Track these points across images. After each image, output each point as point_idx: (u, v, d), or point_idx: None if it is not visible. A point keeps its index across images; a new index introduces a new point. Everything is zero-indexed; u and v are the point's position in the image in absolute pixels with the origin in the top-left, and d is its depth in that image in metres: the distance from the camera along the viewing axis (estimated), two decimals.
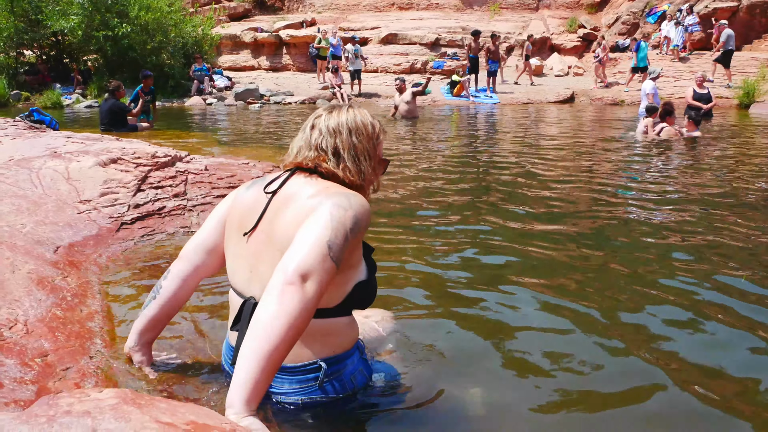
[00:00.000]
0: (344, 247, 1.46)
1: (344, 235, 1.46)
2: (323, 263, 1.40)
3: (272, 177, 1.71)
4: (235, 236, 1.70)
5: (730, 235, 3.82)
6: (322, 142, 1.64)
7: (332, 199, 1.51)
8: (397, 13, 24.47)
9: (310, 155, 1.64)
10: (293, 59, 22.60)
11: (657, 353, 2.29)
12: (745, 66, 16.77)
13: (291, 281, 1.35)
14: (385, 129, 1.76)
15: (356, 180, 1.65)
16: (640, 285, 2.96)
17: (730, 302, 2.76)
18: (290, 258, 1.39)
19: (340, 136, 1.64)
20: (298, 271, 1.36)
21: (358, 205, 1.52)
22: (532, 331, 2.48)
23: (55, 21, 17.01)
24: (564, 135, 9.82)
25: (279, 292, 1.34)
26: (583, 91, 17.57)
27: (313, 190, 1.58)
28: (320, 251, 1.41)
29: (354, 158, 1.65)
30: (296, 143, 1.70)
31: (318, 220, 1.46)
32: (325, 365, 1.60)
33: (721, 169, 6.39)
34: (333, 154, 1.64)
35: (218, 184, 4.16)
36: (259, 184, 1.71)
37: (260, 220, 1.62)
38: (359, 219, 1.51)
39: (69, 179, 3.73)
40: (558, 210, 4.54)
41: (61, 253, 2.90)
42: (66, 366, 1.95)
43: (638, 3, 20.92)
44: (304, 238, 1.43)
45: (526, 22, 22.77)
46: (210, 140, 8.61)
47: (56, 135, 5.21)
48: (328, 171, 1.63)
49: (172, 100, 17.57)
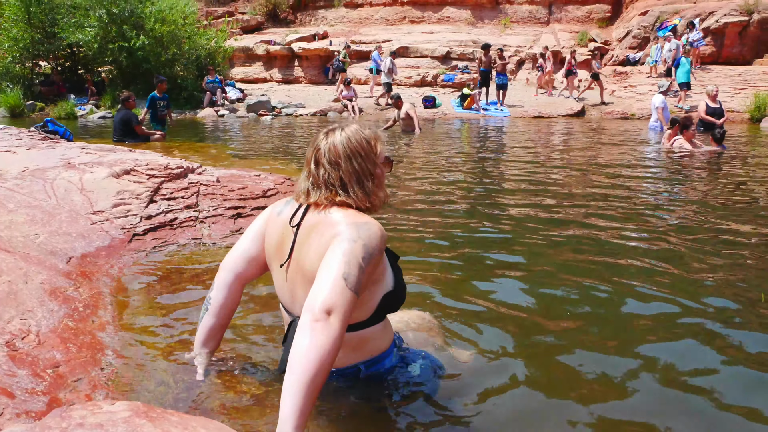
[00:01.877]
0: (360, 275, 1.60)
1: (358, 266, 1.59)
2: (343, 296, 1.54)
3: (294, 208, 1.86)
4: (275, 264, 1.91)
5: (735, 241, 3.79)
6: (329, 178, 1.77)
7: (342, 234, 1.65)
8: (409, 26, 24.61)
9: (324, 194, 1.77)
10: (305, 71, 22.76)
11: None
12: (756, 80, 16.69)
13: (317, 318, 1.51)
14: (378, 135, 1.86)
15: (364, 204, 1.79)
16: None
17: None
18: (314, 297, 1.55)
19: (340, 168, 1.77)
20: (323, 309, 1.51)
21: (366, 235, 1.66)
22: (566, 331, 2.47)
23: (70, 33, 17.25)
24: (579, 147, 9.82)
25: (310, 330, 1.50)
26: (593, 105, 17.56)
27: (329, 222, 1.72)
28: (339, 286, 1.55)
29: (358, 183, 1.78)
30: (304, 183, 1.83)
31: (333, 257, 1.61)
32: (363, 367, 1.84)
33: (728, 181, 6.35)
34: (341, 187, 1.77)
35: (230, 196, 4.19)
36: (287, 212, 1.88)
37: (291, 253, 1.81)
38: (369, 246, 1.64)
39: (83, 190, 3.77)
40: (561, 217, 4.53)
41: (73, 264, 2.93)
42: (77, 377, 1.96)
43: (649, 17, 20.91)
44: (323, 276, 1.58)
45: (537, 35, 22.81)
46: (222, 152, 8.67)
47: (70, 146, 5.27)
48: (342, 203, 1.76)
49: (185, 111, 17.75)
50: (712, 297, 2.97)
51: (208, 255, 3.50)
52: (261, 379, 2.05)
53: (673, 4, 20.78)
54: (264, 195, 4.34)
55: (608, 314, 2.83)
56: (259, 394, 1.95)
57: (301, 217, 1.81)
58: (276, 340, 2.36)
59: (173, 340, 2.38)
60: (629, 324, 2.71)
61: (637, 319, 2.74)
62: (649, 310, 2.82)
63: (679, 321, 2.70)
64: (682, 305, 2.85)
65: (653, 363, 2.30)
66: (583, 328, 2.66)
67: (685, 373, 2.24)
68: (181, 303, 2.76)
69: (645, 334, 2.58)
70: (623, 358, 2.35)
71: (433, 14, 24.96)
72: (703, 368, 2.28)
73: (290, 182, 4.83)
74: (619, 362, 2.31)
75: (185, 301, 2.78)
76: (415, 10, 25.11)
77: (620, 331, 2.65)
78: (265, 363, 2.20)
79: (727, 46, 18.35)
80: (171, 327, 2.50)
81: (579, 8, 23.72)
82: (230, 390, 1.97)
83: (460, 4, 24.78)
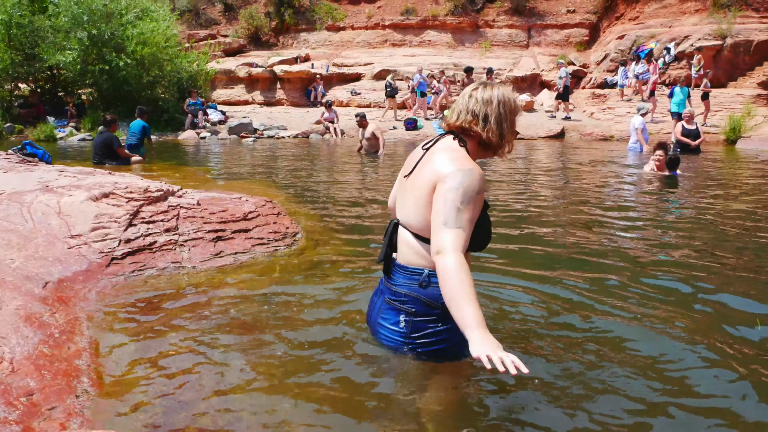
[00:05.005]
0: (458, 215, 1.99)
1: (455, 209, 2.00)
2: (444, 237, 1.98)
3: (431, 138, 2.34)
4: (400, 178, 2.41)
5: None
6: (476, 107, 2.18)
7: (447, 182, 2.04)
8: (390, 49, 24.89)
9: (468, 118, 2.19)
10: (287, 94, 22.86)
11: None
12: (731, 102, 17.11)
13: (435, 258, 2.00)
14: (521, 106, 2.19)
15: (495, 140, 2.19)
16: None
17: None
18: (432, 241, 2.04)
19: (491, 106, 2.17)
20: (434, 251, 2.00)
21: (467, 182, 2.03)
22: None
23: (51, 55, 17.16)
24: (557, 168, 9.93)
25: (435, 264, 2.00)
26: (573, 127, 17.83)
27: (441, 160, 2.13)
28: (439, 231, 2.00)
29: (498, 123, 2.17)
30: (457, 107, 2.24)
31: (437, 205, 2.04)
32: (427, 271, 2.17)
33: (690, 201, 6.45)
34: (483, 119, 2.17)
35: (210, 219, 4.16)
36: (423, 142, 2.36)
37: (414, 168, 2.26)
38: (468, 191, 2.02)
39: (60, 213, 3.73)
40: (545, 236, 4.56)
41: (50, 289, 2.88)
42: (52, 405, 1.92)
43: (626, 41, 21.40)
44: (433, 224, 2.04)
45: (517, 58, 23.20)
46: (203, 174, 8.63)
47: (48, 169, 5.22)
48: (476, 133, 2.18)
49: (166, 133, 17.67)
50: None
51: (188, 279, 3.46)
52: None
53: (649, 29, 21.32)
54: (245, 218, 4.32)
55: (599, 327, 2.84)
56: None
57: (431, 144, 2.28)
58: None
59: (151, 365, 2.34)
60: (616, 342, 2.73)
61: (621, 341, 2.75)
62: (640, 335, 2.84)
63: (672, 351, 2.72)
64: (679, 331, 2.88)
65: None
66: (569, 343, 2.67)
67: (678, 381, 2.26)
68: (160, 328, 2.72)
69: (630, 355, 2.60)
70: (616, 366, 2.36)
71: (414, 38, 25.29)
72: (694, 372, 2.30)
73: (271, 204, 4.81)
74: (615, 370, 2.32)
75: (164, 326, 2.75)
76: (397, 34, 25.44)
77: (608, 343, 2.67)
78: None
79: (702, 69, 18.77)
80: (149, 352, 2.46)
81: (557, 32, 24.22)
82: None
83: (440, 28, 25.17)
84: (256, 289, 3.30)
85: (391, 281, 2.29)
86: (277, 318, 2.86)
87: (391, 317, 2.29)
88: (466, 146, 2.20)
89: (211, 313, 2.90)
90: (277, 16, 26.21)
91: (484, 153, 2.27)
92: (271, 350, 2.50)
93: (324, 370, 2.33)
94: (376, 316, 2.38)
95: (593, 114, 19.06)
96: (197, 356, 2.43)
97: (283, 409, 2.05)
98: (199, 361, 2.38)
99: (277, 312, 2.94)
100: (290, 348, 2.52)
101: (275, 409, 2.04)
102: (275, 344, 2.56)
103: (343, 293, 3.24)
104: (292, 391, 2.16)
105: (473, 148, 2.22)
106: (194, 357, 2.42)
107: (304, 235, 4.47)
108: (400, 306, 2.24)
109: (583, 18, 24.10)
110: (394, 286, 2.27)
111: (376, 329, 2.39)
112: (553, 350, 2.57)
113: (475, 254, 2.56)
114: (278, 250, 4.07)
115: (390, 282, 2.30)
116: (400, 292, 2.23)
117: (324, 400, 2.11)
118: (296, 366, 2.36)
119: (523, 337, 2.71)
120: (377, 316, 2.38)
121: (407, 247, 2.23)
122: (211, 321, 2.81)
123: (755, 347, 2.64)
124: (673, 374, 2.37)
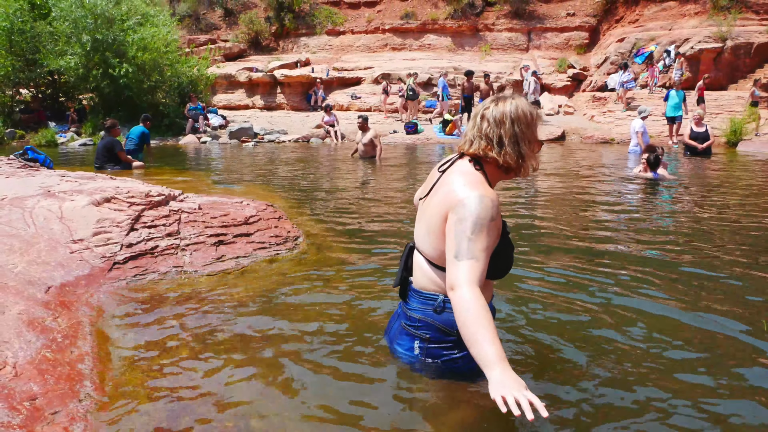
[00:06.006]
0: (469, 245, 1.90)
1: (467, 240, 1.91)
2: (456, 271, 1.90)
3: (446, 159, 2.25)
4: (417, 197, 2.38)
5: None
6: (489, 131, 2.06)
7: (458, 211, 1.95)
8: (390, 53, 24.91)
9: (481, 145, 2.07)
10: (287, 98, 22.89)
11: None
12: (732, 105, 17.11)
13: (450, 294, 1.91)
14: (540, 115, 2.20)
15: (513, 163, 2.06)
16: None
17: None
18: (446, 276, 1.96)
19: (504, 126, 2.04)
20: (449, 287, 1.91)
21: (476, 210, 1.93)
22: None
23: (52, 61, 17.20)
24: (557, 173, 9.93)
25: (466, 293, 1.86)
26: (573, 130, 17.82)
27: (453, 186, 2.03)
28: (452, 264, 1.92)
29: (514, 144, 2.05)
30: (469, 132, 2.14)
31: (449, 237, 1.96)
32: (441, 297, 2.12)
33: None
34: (497, 143, 2.05)
35: (212, 223, 4.16)
36: (440, 163, 2.27)
37: (430, 192, 2.19)
38: (479, 220, 1.92)
39: (62, 218, 3.73)
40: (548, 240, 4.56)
41: (52, 294, 2.88)
42: (55, 410, 1.92)
43: (626, 44, 21.41)
44: (446, 256, 1.96)
45: (517, 62, 23.22)
46: (204, 179, 8.64)
47: (50, 174, 5.23)
48: (492, 159, 2.06)
49: (167, 138, 17.71)
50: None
51: (190, 283, 3.47)
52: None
53: (649, 32, 21.33)
54: (246, 222, 4.32)
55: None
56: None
57: (447, 166, 2.19)
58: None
59: (153, 369, 2.35)
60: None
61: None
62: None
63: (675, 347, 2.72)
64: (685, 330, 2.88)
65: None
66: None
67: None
68: (162, 332, 2.73)
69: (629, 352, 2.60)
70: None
71: (414, 41, 25.32)
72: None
73: (273, 209, 4.82)
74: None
75: (166, 330, 2.75)
76: (397, 38, 25.46)
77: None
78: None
79: (702, 72, 18.82)
80: (151, 356, 2.47)
81: (557, 35, 24.23)
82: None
83: (440, 32, 25.19)
84: (258, 293, 3.30)
85: (407, 306, 2.26)
86: (279, 322, 2.86)
87: (405, 342, 2.28)
88: (483, 169, 2.09)
89: (214, 318, 2.91)
90: (277, 20, 26.26)
91: (506, 176, 2.15)
92: (274, 355, 2.50)
93: (327, 374, 2.33)
94: (393, 340, 2.39)
95: (593, 117, 19.05)
96: (199, 360, 2.44)
97: (286, 414, 2.05)
98: (202, 366, 2.39)
99: (280, 316, 2.94)
100: (293, 352, 2.52)
101: (279, 414, 2.05)
102: (278, 349, 2.56)
103: (345, 297, 3.25)
104: (296, 396, 2.17)
105: (492, 172, 2.11)
106: (196, 361, 2.43)
107: (306, 239, 4.48)
108: (414, 332, 2.21)
109: (583, 21, 24.11)
110: (409, 310, 2.24)
111: (394, 353, 2.38)
112: (558, 359, 2.57)
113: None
114: (280, 254, 4.07)
115: (406, 306, 2.27)
116: (415, 317, 2.20)
117: (327, 405, 2.11)
118: (299, 370, 2.36)
119: (532, 346, 2.71)
120: (394, 340, 2.38)
121: (421, 273, 2.19)
122: (213, 325, 2.81)
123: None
124: (681, 375, 2.37)
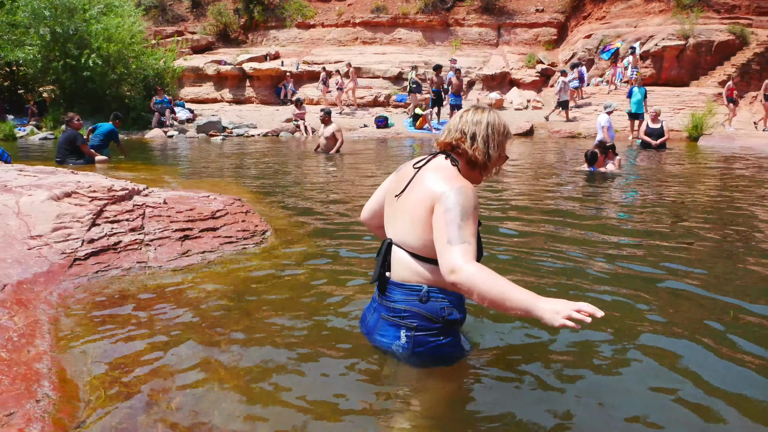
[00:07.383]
0: (459, 231, 1.97)
1: (457, 226, 1.98)
2: (451, 254, 1.94)
3: (422, 157, 2.32)
4: (390, 197, 2.35)
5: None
6: (465, 127, 2.24)
7: (443, 201, 2.03)
8: (361, 47, 24.83)
9: (456, 135, 2.23)
10: (256, 92, 22.65)
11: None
12: (693, 101, 17.51)
13: (449, 278, 1.94)
14: (511, 134, 2.33)
15: (481, 159, 2.21)
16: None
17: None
18: (440, 263, 1.99)
19: (480, 126, 2.22)
20: (446, 272, 1.95)
21: (462, 199, 2.02)
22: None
23: (9, 51, 16.66)
24: (526, 167, 10.02)
25: (470, 268, 1.91)
26: (541, 124, 18.03)
27: (433, 180, 2.13)
28: (445, 249, 1.97)
29: (485, 143, 2.21)
30: (447, 126, 2.30)
31: (438, 225, 2.02)
32: (425, 287, 2.16)
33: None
34: (470, 137, 2.21)
35: (177, 218, 4.08)
36: (414, 161, 2.33)
37: (406, 188, 2.24)
38: (465, 207, 2.01)
39: (19, 214, 3.61)
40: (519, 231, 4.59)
41: (8, 291, 2.79)
42: (10, 411, 1.85)
43: (593, 41, 21.74)
44: (437, 245, 2.01)
45: (487, 57, 23.36)
46: (170, 173, 8.48)
47: (7, 168, 5.05)
48: (463, 150, 2.21)
49: (133, 132, 17.32)
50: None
51: (154, 278, 3.39)
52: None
53: (616, 28, 21.69)
54: (213, 216, 4.25)
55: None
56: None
57: (423, 163, 2.27)
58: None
59: (115, 367, 2.28)
60: None
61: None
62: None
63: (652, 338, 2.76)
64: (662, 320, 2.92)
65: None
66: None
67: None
68: (125, 329, 2.65)
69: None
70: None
71: (385, 35, 25.28)
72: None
73: (240, 203, 4.74)
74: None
75: (129, 326, 2.68)
76: (367, 32, 25.40)
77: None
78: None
79: (665, 69, 19.24)
80: (113, 354, 2.40)
81: (527, 31, 24.48)
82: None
83: (411, 26, 25.21)
84: (224, 288, 3.24)
85: (388, 298, 2.25)
86: (246, 316, 2.81)
87: (390, 333, 2.26)
88: (458, 165, 2.21)
89: (178, 313, 2.84)
90: (246, 12, 25.93)
91: (471, 173, 2.25)
92: (241, 349, 2.46)
93: (294, 370, 2.30)
94: (373, 332, 2.36)
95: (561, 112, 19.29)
96: (163, 357, 2.38)
97: (254, 408, 2.02)
98: (165, 362, 2.33)
99: (246, 310, 2.89)
100: (260, 347, 2.48)
101: (246, 409, 2.01)
102: (244, 343, 2.51)
103: (314, 291, 3.21)
104: (264, 391, 2.13)
105: (464, 168, 2.23)
106: (160, 358, 2.37)
107: (274, 234, 4.42)
108: (400, 321, 2.21)
109: (552, 17, 24.40)
110: (391, 303, 2.23)
111: (374, 343, 2.37)
112: (542, 350, 2.58)
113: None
114: (247, 248, 4.02)
115: (386, 299, 2.26)
116: (399, 308, 2.21)
117: (296, 400, 2.08)
118: (266, 365, 2.32)
119: (510, 337, 2.72)
120: (373, 332, 2.35)
121: (403, 267, 2.20)
122: (177, 321, 2.75)
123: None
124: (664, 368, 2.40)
